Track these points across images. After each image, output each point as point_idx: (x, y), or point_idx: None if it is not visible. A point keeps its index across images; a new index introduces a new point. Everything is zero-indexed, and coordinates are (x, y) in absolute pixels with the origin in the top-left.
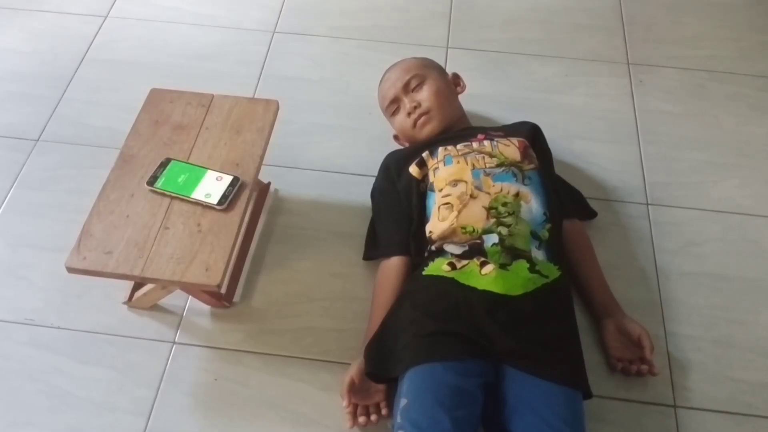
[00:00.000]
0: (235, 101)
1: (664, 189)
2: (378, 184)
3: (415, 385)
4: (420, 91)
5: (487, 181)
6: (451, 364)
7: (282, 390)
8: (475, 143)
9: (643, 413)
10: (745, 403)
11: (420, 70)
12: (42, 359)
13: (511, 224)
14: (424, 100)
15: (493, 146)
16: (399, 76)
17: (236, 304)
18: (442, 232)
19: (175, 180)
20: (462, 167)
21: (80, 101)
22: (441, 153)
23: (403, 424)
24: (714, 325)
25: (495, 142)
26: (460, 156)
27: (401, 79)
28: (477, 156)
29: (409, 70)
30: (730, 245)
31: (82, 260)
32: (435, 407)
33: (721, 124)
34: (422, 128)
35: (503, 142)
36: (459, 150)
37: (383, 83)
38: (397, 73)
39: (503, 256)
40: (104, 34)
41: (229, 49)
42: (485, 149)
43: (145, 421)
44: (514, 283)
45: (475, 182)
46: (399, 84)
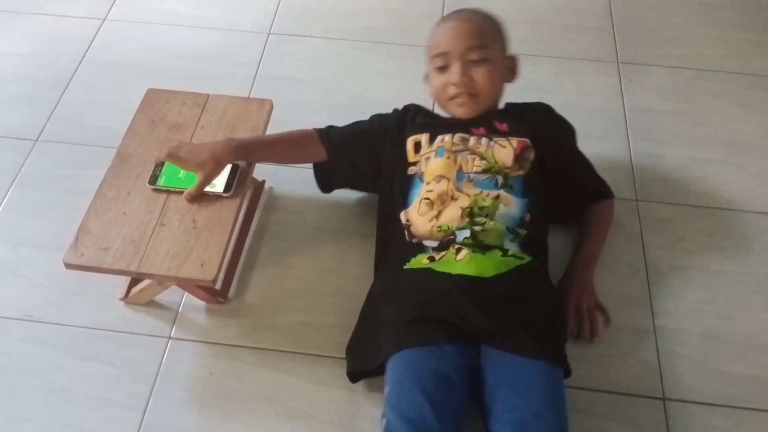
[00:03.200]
0: (230, 101)
1: (653, 185)
2: (378, 120)
3: (397, 371)
4: (478, 68)
5: (468, 185)
6: (431, 349)
7: (276, 384)
8: (472, 139)
9: (632, 405)
10: (734, 396)
11: (489, 39)
12: (40, 355)
13: (485, 223)
14: (478, 82)
15: (488, 146)
16: (465, 33)
17: (231, 300)
18: (423, 233)
19: (175, 176)
20: (449, 165)
21: (79, 102)
22: (438, 141)
23: (385, 411)
24: (702, 318)
25: (492, 142)
26: (452, 152)
27: (466, 40)
28: (467, 156)
29: (479, 35)
30: (719, 240)
31: (79, 256)
32: (415, 392)
33: (709, 121)
34: (458, 107)
35: (501, 142)
36: (454, 144)
37: (444, 26)
38: (465, 28)
39: (475, 248)
40: (102, 37)
41: (225, 50)
42: (478, 149)
43: (141, 416)
44: (487, 265)
45: (457, 184)
46: (461, 45)
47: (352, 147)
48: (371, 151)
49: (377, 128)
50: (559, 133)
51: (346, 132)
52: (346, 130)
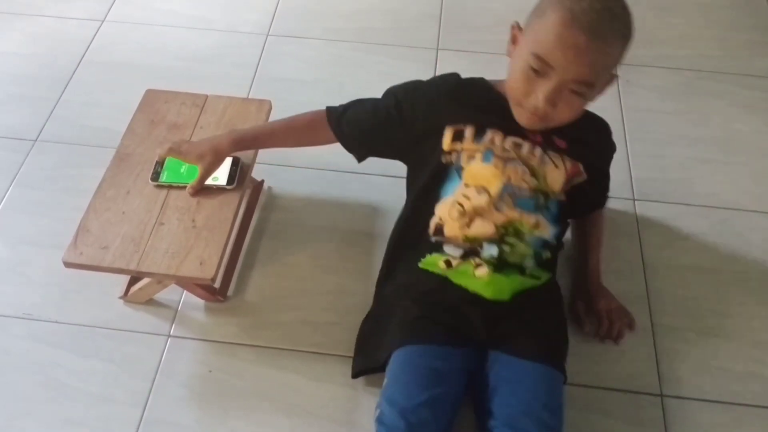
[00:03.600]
0: (229, 101)
1: (650, 185)
2: (397, 103)
3: (396, 365)
4: (568, 99)
5: (508, 202)
6: (433, 348)
7: (275, 381)
8: (526, 146)
9: (630, 402)
10: (731, 392)
11: (602, 74)
12: (40, 352)
13: (514, 244)
14: (559, 114)
15: (541, 162)
16: (584, 63)
17: (230, 299)
18: (450, 236)
19: (177, 171)
20: (496, 175)
21: (78, 103)
22: (487, 138)
23: (380, 402)
24: (700, 316)
25: (547, 157)
26: (501, 160)
27: (579, 70)
28: (518, 168)
29: (595, 69)
30: (716, 239)
31: (79, 255)
32: (412, 385)
33: (707, 122)
34: (522, 116)
35: (556, 160)
36: (506, 148)
37: (568, 33)
38: (587, 57)
39: (497, 266)
40: (102, 38)
41: (224, 51)
42: (531, 162)
43: (141, 412)
44: (504, 288)
45: (497, 201)
46: (570, 73)
47: (367, 138)
48: (391, 142)
49: (395, 115)
50: (606, 158)
51: (361, 121)
52: (359, 118)
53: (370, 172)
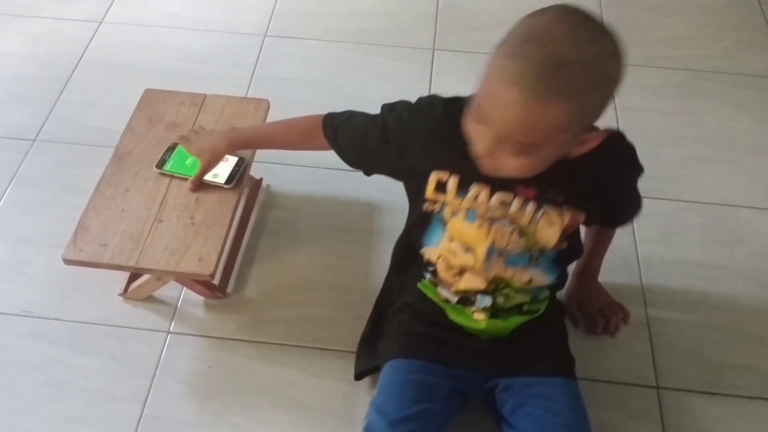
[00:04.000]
0: (228, 100)
1: (645, 182)
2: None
3: (388, 376)
4: (517, 157)
5: (498, 262)
6: (426, 364)
7: (275, 377)
8: (515, 203)
9: (627, 394)
10: (726, 384)
11: (545, 138)
12: (40, 350)
13: (509, 294)
14: (512, 169)
15: (533, 218)
16: (514, 120)
17: (230, 295)
18: (441, 279)
19: (183, 162)
20: (480, 236)
21: (77, 103)
22: (471, 194)
23: (368, 411)
24: (695, 310)
25: (540, 213)
26: (486, 220)
27: (512, 128)
28: (505, 228)
29: (531, 129)
30: (711, 235)
31: (78, 252)
32: (402, 397)
33: (701, 120)
34: (484, 167)
35: (551, 215)
36: (490, 207)
37: (501, 86)
38: (519, 117)
39: (493, 313)
40: (100, 38)
41: (222, 52)
42: (520, 221)
43: (141, 409)
44: (503, 329)
45: (485, 263)
46: (506, 128)
47: (364, 161)
48: (385, 168)
49: (383, 146)
50: (625, 186)
51: (354, 144)
52: (353, 141)
53: None
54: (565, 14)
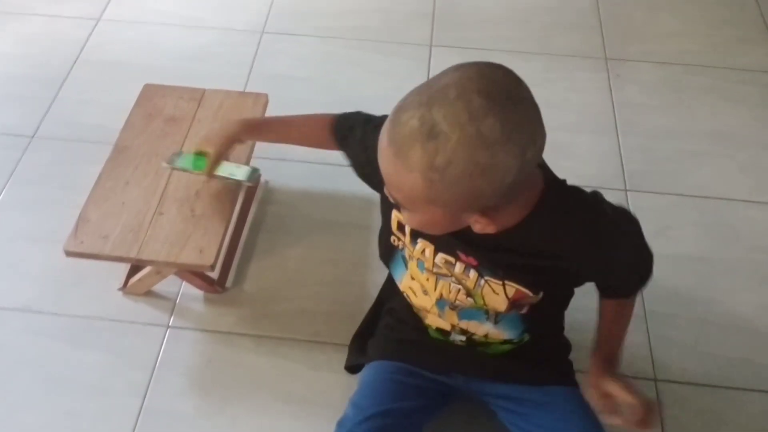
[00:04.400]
0: (226, 95)
1: (641, 176)
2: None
3: (369, 374)
4: (405, 212)
5: (451, 315)
6: (408, 366)
7: (274, 370)
8: (458, 266)
9: None
10: (723, 377)
11: (408, 200)
12: (39, 345)
13: (481, 341)
14: (406, 221)
15: (477, 284)
16: (383, 169)
17: (229, 290)
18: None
19: (194, 161)
20: (429, 286)
21: (73, 101)
22: (419, 247)
23: (346, 406)
24: (692, 303)
25: (482, 281)
26: (432, 274)
27: (385, 178)
28: (451, 285)
29: (393, 184)
30: (707, 228)
31: (79, 244)
32: (379, 392)
33: (695, 115)
34: None
35: (494, 284)
36: (436, 263)
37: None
38: (383, 164)
39: (471, 344)
40: (96, 37)
41: (219, 50)
42: (465, 282)
43: (141, 402)
44: (485, 354)
45: (438, 312)
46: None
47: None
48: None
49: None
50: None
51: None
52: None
53: None
54: (473, 77)
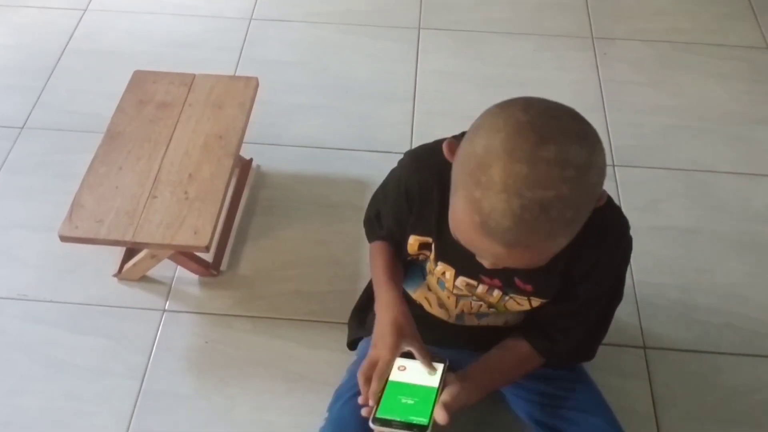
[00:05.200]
0: (217, 79)
1: (629, 152)
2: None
3: (368, 345)
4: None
5: (470, 319)
6: None
7: (271, 350)
8: (481, 287)
9: (615, 355)
10: (710, 342)
11: (544, 259)
12: (37, 332)
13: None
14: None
15: (501, 300)
16: (507, 264)
17: (224, 273)
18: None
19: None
20: (449, 304)
21: (64, 90)
22: (439, 269)
23: (344, 375)
24: (680, 273)
25: (507, 297)
26: (453, 294)
27: (509, 266)
28: (472, 302)
29: (526, 265)
30: (694, 200)
31: (74, 229)
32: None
33: (682, 91)
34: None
35: (519, 299)
36: (456, 286)
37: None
38: (506, 261)
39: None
40: (85, 26)
41: (209, 36)
42: (488, 299)
43: (140, 384)
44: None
45: (457, 320)
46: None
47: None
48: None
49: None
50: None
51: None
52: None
53: (356, 148)
54: (520, 142)
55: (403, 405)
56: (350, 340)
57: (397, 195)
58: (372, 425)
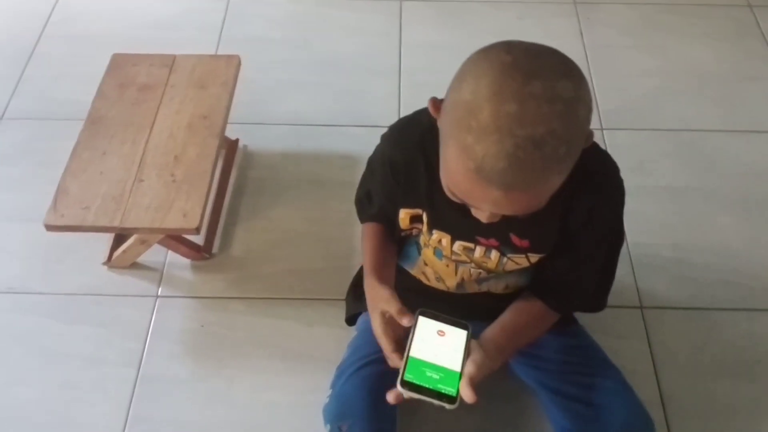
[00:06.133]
0: (198, 59)
1: (617, 115)
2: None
3: (368, 320)
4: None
5: (470, 285)
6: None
7: (268, 329)
8: (478, 250)
9: (613, 317)
10: (706, 299)
11: (542, 200)
12: (28, 323)
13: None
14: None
15: (500, 263)
16: (504, 209)
17: (216, 255)
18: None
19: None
20: (448, 273)
21: (42, 77)
22: (434, 238)
23: (346, 351)
24: (673, 232)
25: (505, 258)
26: (451, 261)
27: (505, 212)
28: (471, 269)
29: (525, 208)
30: (682, 159)
31: (60, 217)
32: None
33: (667, 52)
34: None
35: (517, 258)
36: (454, 252)
37: (470, 183)
38: (503, 205)
39: None
40: (61, 11)
41: (188, 16)
42: (486, 264)
43: (136, 371)
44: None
45: (458, 289)
46: (499, 212)
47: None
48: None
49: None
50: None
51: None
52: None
53: (344, 123)
54: (506, 82)
55: (428, 376)
56: (349, 316)
57: (383, 171)
58: (400, 388)
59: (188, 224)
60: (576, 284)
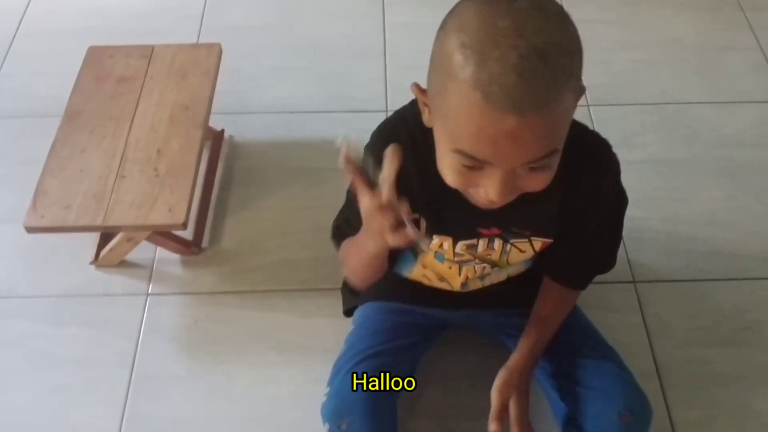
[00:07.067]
0: (178, 49)
1: (602, 90)
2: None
3: (364, 314)
4: (533, 176)
5: (474, 283)
6: (403, 305)
7: (264, 322)
8: (481, 243)
9: (607, 292)
10: (697, 270)
11: (558, 136)
12: (16, 327)
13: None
14: (531, 188)
15: (503, 252)
16: (521, 145)
17: (206, 250)
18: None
19: None
20: (452, 274)
21: (20, 74)
22: (435, 243)
23: (342, 347)
24: (661, 205)
25: (509, 246)
26: (454, 263)
27: (523, 154)
28: (475, 266)
29: (543, 140)
30: (668, 132)
31: (40, 218)
32: (374, 333)
33: (648, 26)
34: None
35: (520, 245)
36: (456, 254)
37: (480, 118)
38: (520, 139)
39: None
40: (36, 6)
41: (167, 5)
42: (490, 257)
43: (130, 370)
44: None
45: (462, 288)
46: (515, 159)
47: None
48: None
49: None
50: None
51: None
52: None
53: (330, 109)
54: (492, 5)
55: None
56: (346, 309)
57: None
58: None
59: (174, 219)
60: (592, 257)
